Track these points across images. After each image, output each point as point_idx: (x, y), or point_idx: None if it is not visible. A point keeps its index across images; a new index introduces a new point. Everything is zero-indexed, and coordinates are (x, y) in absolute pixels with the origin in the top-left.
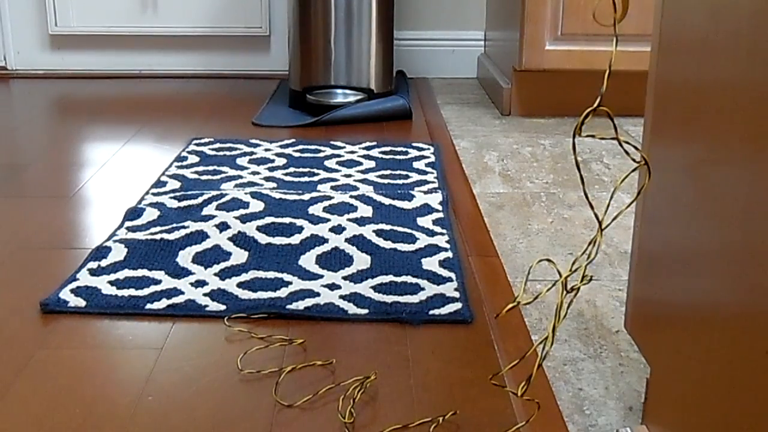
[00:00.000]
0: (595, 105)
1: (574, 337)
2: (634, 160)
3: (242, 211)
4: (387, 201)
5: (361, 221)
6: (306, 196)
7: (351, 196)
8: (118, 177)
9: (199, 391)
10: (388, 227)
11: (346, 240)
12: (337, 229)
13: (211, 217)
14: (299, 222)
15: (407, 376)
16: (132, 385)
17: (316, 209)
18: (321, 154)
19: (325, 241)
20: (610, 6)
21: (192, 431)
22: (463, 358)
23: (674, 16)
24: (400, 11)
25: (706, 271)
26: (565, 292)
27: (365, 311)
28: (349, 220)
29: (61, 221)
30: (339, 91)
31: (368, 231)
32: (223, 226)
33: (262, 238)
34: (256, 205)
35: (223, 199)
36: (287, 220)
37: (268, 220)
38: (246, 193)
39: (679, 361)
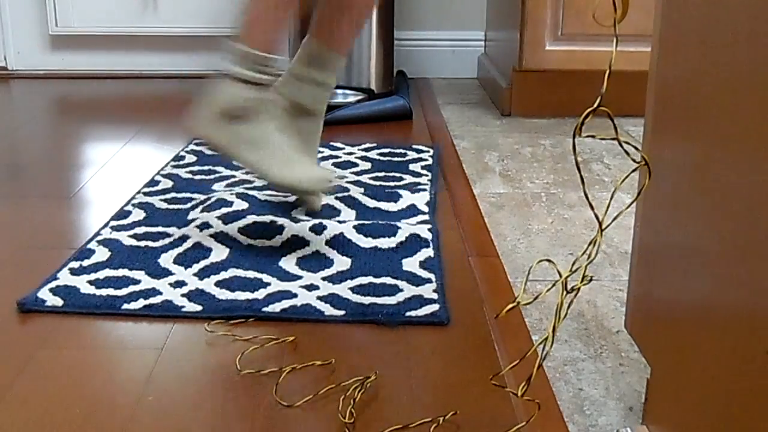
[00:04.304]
0: (595, 105)
1: (575, 338)
2: (634, 160)
3: (225, 210)
4: (372, 203)
5: (342, 222)
6: (292, 198)
7: (336, 198)
8: (118, 177)
9: (199, 391)
10: (370, 228)
11: (327, 242)
12: (318, 228)
13: (196, 218)
14: (280, 221)
15: (407, 376)
16: (132, 385)
17: (298, 212)
18: (318, 155)
19: (306, 243)
20: (610, 6)
21: (192, 431)
22: (463, 358)
23: (674, 16)
24: (400, 11)
25: (706, 271)
26: (565, 293)
27: (342, 312)
28: (331, 220)
29: (61, 221)
30: (339, 91)
31: (349, 228)
32: (204, 226)
33: (244, 239)
34: (240, 205)
35: (209, 201)
36: (268, 218)
37: (250, 219)
38: (232, 194)
39: (679, 361)
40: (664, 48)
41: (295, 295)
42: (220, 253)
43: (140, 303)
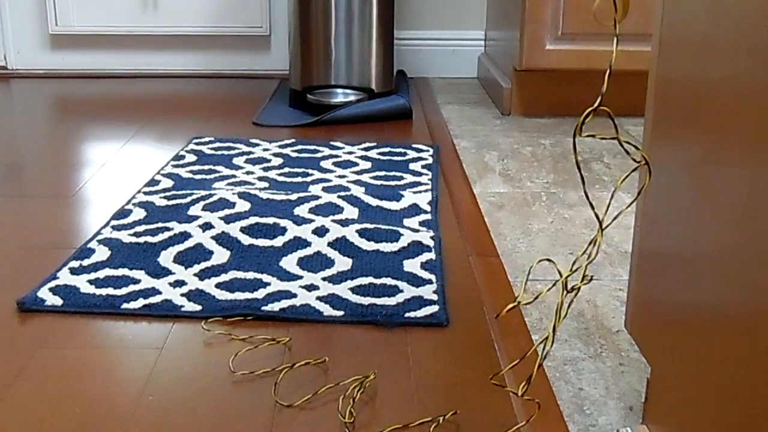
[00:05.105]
0: (596, 105)
1: (575, 337)
2: (634, 160)
3: (227, 211)
4: (375, 202)
5: (345, 222)
6: (294, 197)
7: (339, 197)
8: (119, 177)
9: (199, 391)
10: (372, 227)
11: (329, 244)
12: (321, 231)
13: (196, 217)
14: (283, 223)
15: (407, 375)
16: (132, 385)
17: (301, 210)
18: (318, 155)
19: (308, 244)
20: (611, 5)
21: (192, 431)
22: (463, 358)
23: (674, 15)
24: (401, 11)
25: (706, 271)
26: (565, 292)
27: (341, 313)
28: (333, 221)
29: (61, 221)
30: (339, 90)
31: (351, 232)
32: (206, 226)
33: (245, 239)
34: (242, 205)
35: (210, 200)
36: (271, 220)
37: (253, 220)
38: (234, 194)
39: (679, 361)
40: (664, 48)
41: (294, 295)
42: (221, 255)
43: (140, 302)
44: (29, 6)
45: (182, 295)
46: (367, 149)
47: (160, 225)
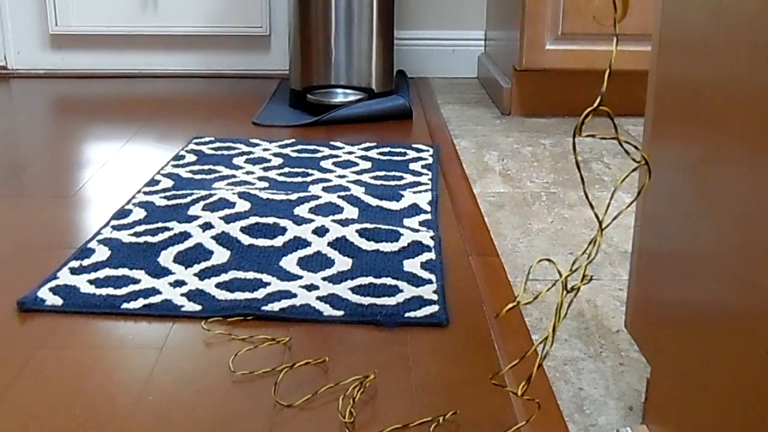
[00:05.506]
0: (596, 105)
1: (575, 337)
2: (634, 160)
3: (227, 211)
4: (375, 202)
5: (345, 222)
6: (294, 196)
7: (339, 197)
8: (119, 176)
9: (199, 391)
10: (372, 227)
11: (329, 243)
12: (321, 231)
13: (197, 217)
14: (283, 222)
15: (407, 375)
16: (132, 385)
17: (301, 210)
18: (318, 155)
19: (308, 244)
20: (611, 6)
21: (192, 431)
22: (463, 358)
23: (674, 15)
24: (401, 11)
25: (706, 271)
26: (565, 292)
27: (341, 313)
28: (333, 221)
29: (61, 221)
30: (339, 90)
31: (351, 232)
32: (206, 226)
33: (245, 239)
34: (242, 205)
35: (211, 199)
36: (271, 220)
37: (253, 220)
38: (234, 194)
39: (679, 361)
40: (664, 47)
41: (294, 295)
42: (221, 255)
43: (140, 302)
44: (29, 6)
45: (182, 295)
46: (367, 149)
47: (160, 225)
